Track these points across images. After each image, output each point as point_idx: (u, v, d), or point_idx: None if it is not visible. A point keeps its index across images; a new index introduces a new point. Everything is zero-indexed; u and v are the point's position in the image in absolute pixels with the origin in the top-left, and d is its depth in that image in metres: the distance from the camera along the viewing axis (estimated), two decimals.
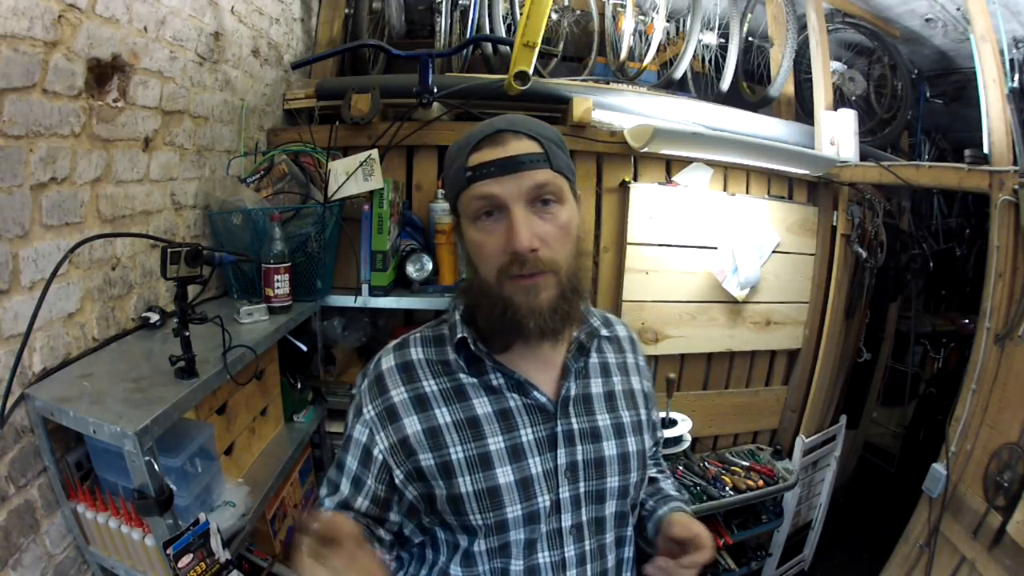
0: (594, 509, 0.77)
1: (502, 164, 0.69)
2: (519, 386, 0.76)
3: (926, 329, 3.42)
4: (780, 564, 2.53)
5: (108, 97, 1.14)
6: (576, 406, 0.79)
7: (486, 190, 0.69)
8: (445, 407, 0.75)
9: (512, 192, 0.69)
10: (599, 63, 2.75)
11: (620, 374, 0.86)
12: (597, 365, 0.84)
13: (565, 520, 0.75)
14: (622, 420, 0.82)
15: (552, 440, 0.75)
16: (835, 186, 2.32)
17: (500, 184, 0.69)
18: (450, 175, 0.75)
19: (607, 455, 0.78)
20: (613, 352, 0.87)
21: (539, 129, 0.73)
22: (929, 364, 3.42)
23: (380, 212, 1.70)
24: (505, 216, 0.69)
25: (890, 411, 3.51)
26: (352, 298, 1.76)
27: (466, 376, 0.77)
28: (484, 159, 0.70)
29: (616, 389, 0.84)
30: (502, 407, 0.75)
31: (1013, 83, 2.14)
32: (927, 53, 2.92)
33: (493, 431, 0.74)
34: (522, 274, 0.69)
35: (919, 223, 3.40)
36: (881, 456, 3.44)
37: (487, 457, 0.73)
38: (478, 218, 0.71)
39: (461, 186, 0.71)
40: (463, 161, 0.71)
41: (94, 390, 1.00)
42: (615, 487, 0.79)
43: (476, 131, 0.73)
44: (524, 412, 0.75)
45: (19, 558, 0.95)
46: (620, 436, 0.81)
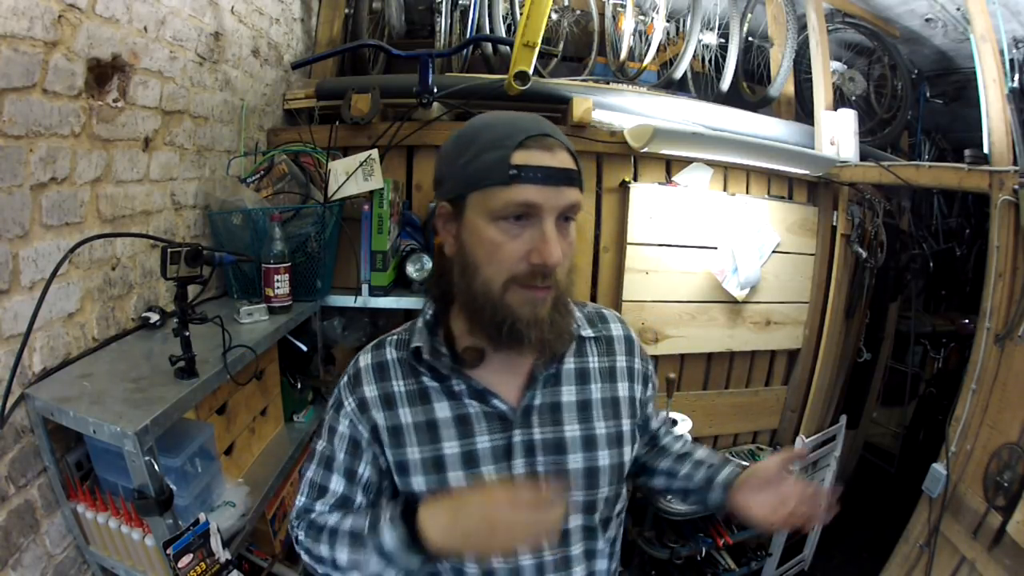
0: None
1: (551, 174, 0.67)
2: (477, 393, 0.75)
3: (926, 329, 3.42)
4: (780, 564, 2.53)
5: (108, 97, 1.14)
6: (541, 415, 0.76)
7: (528, 196, 0.66)
8: (408, 408, 0.75)
9: (551, 205, 0.67)
10: (599, 63, 2.75)
11: (602, 380, 0.81)
12: (572, 371, 0.80)
13: None
14: (595, 432, 0.78)
15: (508, 450, 0.74)
16: (835, 186, 2.32)
17: (543, 193, 0.66)
18: (472, 161, 0.68)
19: (571, 468, 0.76)
20: (597, 355, 0.83)
21: (571, 144, 0.72)
22: (929, 364, 3.42)
23: (380, 212, 1.70)
24: (532, 225, 0.67)
25: (890, 411, 3.51)
26: (352, 298, 1.76)
27: (430, 380, 0.76)
28: (533, 162, 0.66)
29: (593, 398, 0.80)
30: (460, 413, 0.75)
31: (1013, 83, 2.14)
32: (927, 53, 2.92)
33: (449, 436, 0.74)
34: (535, 285, 0.67)
35: (919, 223, 3.40)
36: (881, 456, 3.44)
37: (440, 461, 0.73)
38: (504, 218, 0.67)
39: (496, 180, 0.66)
40: (504, 155, 0.66)
41: (94, 390, 0.99)
42: (579, 502, 0.76)
43: (515, 124, 0.69)
44: (483, 419, 0.75)
45: (19, 558, 0.95)
46: (589, 449, 0.77)
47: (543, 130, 0.69)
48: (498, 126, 0.70)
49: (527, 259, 0.67)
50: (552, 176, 0.67)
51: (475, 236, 0.69)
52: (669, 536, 2.10)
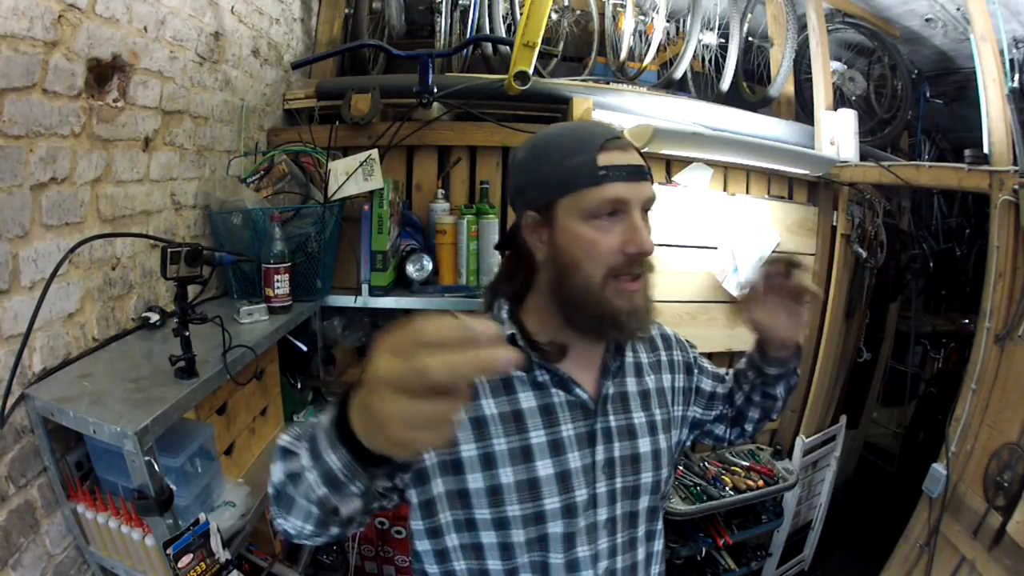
0: (628, 504, 0.80)
1: (633, 170, 0.74)
2: (562, 383, 0.78)
3: (926, 329, 3.42)
4: (780, 564, 2.53)
5: (108, 97, 1.14)
6: (614, 404, 0.81)
7: (618, 193, 0.72)
8: (492, 399, 0.76)
9: (637, 198, 0.73)
10: (599, 63, 2.75)
11: (653, 372, 0.89)
12: (632, 365, 0.87)
13: (600, 514, 0.77)
14: (655, 418, 0.85)
15: (591, 436, 0.78)
16: (835, 186, 2.32)
17: (630, 189, 0.73)
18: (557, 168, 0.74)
19: (642, 451, 0.81)
20: (645, 351, 0.90)
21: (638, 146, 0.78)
22: (929, 364, 3.42)
23: (380, 212, 1.70)
24: (621, 220, 0.73)
25: (890, 411, 3.51)
26: (352, 298, 1.76)
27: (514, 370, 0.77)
28: (616, 161, 0.73)
29: (650, 388, 0.87)
30: (546, 402, 0.77)
31: (1013, 83, 2.14)
32: (927, 53, 2.92)
33: (536, 425, 0.76)
34: (632, 274, 0.74)
35: (919, 223, 3.40)
36: (881, 456, 3.44)
37: (529, 450, 0.75)
38: (597, 217, 0.73)
39: (589, 182, 0.72)
40: (589, 158, 0.72)
41: (94, 390, 0.99)
42: (649, 482, 0.82)
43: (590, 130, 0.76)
44: (566, 408, 0.78)
45: (19, 558, 0.95)
46: (653, 433, 0.84)
47: (615, 133, 0.76)
48: (575, 133, 0.77)
49: (623, 250, 0.72)
50: (634, 172, 0.74)
51: (571, 237, 0.74)
52: (669, 536, 2.10)
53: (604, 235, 0.73)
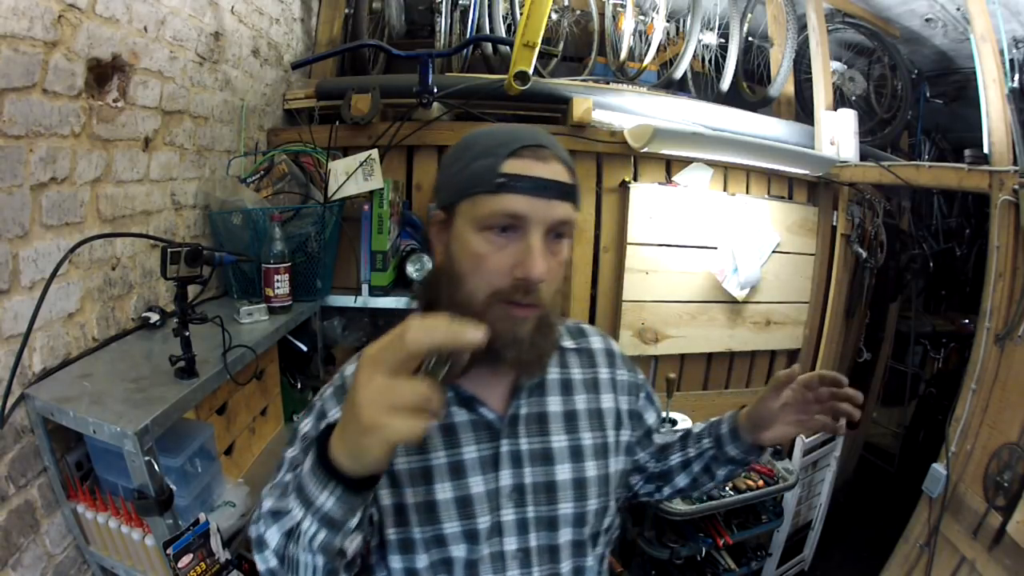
0: (545, 536, 0.73)
1: (541, 185, 0.65)
2: (465, 400, 0.72)
3: (926, 329, 3.42)
4: (780, 564, 2.53)
5: (108, 97, 1.14)
6: (528, 425, 0.74)
7: (515, 206, 0.64)
8: None
9: (539, 217, 0.64)
10: (599, 63, 2.75)
11: (586, 391, 0.80)
12: (557, 381, 0.79)
13: (508, 544, 0.71)
14: (581, 442, 0.76)
15: (495, 460, 0.72)
16: (835, 186, 2.32)
17: (530, 204, 0.64)
18: (465, 169, 0.67)
19: (559, 479, 0.73)
20: (580, 367, 0.82)
21: (570, 159, 0.70)
22: (929, 364, 3.42)
23: (380, 212, 1.70)
24: (519, 237, 0.65)
25: (890, 411, 3.51)
26: (352, 298, 1.76)
27: None
28: (523, 171, 0.65)
29: (578, 408, 0.78)
30: (447, 422, 0.72)
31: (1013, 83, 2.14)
32: (927, 53, 2.92)
33: (435, 446, 0.71)
34: (518, 302, 0.64)
35: (919, 223, 3.40)
36: (881, 456, 3.44)
37: (428, 471, 0.70)
38: (489, 228, 0.65)
39: (484, 188, 0.65)
40: (495, 163, 0.65)
41: (94, 390, 0.99)
42: (569, 514, 0.74)
43: (512, 134, 0.68)
44: (469, 428, 0.72)
45: (19, 558, 0.95)
46: (578, 459, 0.75)
47: (539, 140, 0.67)
48: (496, 134, 0.68)
49: (510, 273, 0.64)
50: (542, 187, 0.65)
51: (462, 246, 0.67)
52: (669, 536, 2.10)
53: (494, 251, 0.65)
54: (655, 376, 2.24)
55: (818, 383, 0.75)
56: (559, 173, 0.67)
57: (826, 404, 0.75)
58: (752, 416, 0.80)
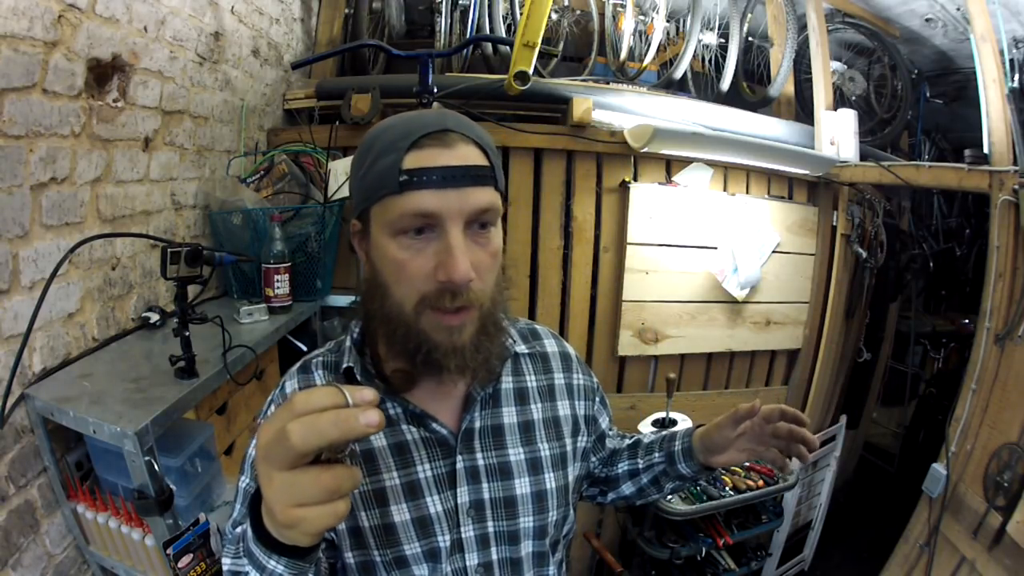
0: (507, 550, 0.71)
1: (447, 173, 0.58)
2: (415, 417, 0.68)
3: (926, 329, 3.42)
4: (780, 564, 2.53)
5: (108, 97, 1.14)
6: (483, 439, 0.71)
7: (423, 204, 0.57)
8: None
9: (453, 210, 0.58)
10: (599, 63, 2.75)
11: (542, 400, 0.76)
12: (512, 391, 0.75)
13: (470, 559, 0.69)
14: (539, 454, 0.73)
15: (452, 477, 0.68)
16: (835, 186, 2.32)
17: (441, 198, 0.57)
18: (369, 171, 0.61)
19: (518, 493, 0.71)
20: (535, 373, 0.78)
21: (485, 136, 0.63)
22: (929, 364, 3.42)
23: None
24: (436, 235, 0.59)
25: (890, 411, 3.51)
26: (352, 298, 1.75)
27: None
28: (426, 163, 0.58)
29: (534, 419, 0.75)
30: (398, 440, 0.68)
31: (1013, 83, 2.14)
32: (927, 53, 2.92)
33: (388, 466, 0.67)
34: (446, 308, 0.59)
35: (919, 223, 3.40)
36: (881, 456, 3.44)
37: (382, 493, 0.66)
38: (403, 233, 0.59)
39: (388, 190, 0.58)
40: (396, 159, 0.58)
41: (94, 390, 0.99)
42: (530, 527, 0.71)
43: (414, 123, 0.60)
44: (422, 446, 0.68)
45: (19, 558, 0.95)
46: (536, 472, 0.72)
47: (443, 124, 0.60)
48: (395, 127, 0.61)
49: (434, 277, 0.59)
50: (451, 176, 0.58)
51: (381, 255, 0.62)
52: (669, 536, 2.10)
53: (413, 255, 0.59)
54: (655, 376, 2.24)
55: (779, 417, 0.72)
56: (469, 156, 0.60)
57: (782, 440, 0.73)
58: (706, 440, 0.79)
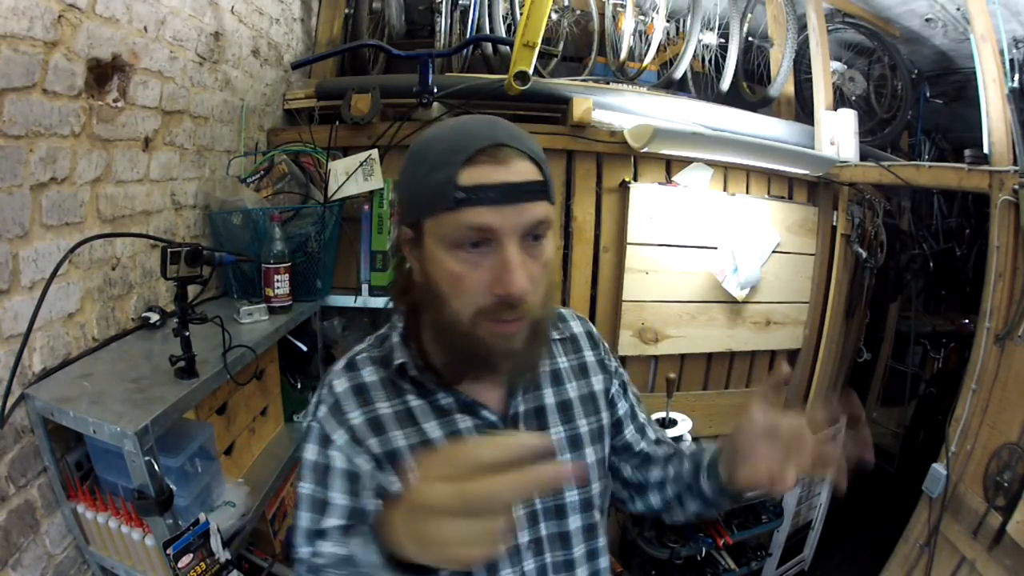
0: (555, 524, 0.74)
1: (504, 191, 0.59)
2: (467, 406, 0.72)
3: (926, 329, 3.42)
4: (780, 564, 2.53)
5: (108, 97, 1.14)
6: (527, 421, 0.75)
7: (482, 220, 0.58)
8: (400, 430, 0.70)
9: (511, 226, 0.59)
10: (599, 63, 2.75)
11: (576, 379, 0.81)
12: (548, 373, 0.79)
13: (521, 536, 0.72)
14: (579, 431, 0.78)
15: None
16: (835, 186, 2.32)
17: (499, 215, 0.58)
18: (422, 183, 0.62)
19: None
20: (567, 354, 0.82)
21: (537, 149, 0.64)
22: (929, 364, 3.41)
23: (380, 212, 1.70)
24: (492, 249, 0.60)
25: (890, 411, 3.51)
26: (352, 298, 1.76)
27: (414, 398, 0.72)
28: (483, 180, 0.59)
29: (571, 397, 0.79)
30: (452, 430, 0.71)
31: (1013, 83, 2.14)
32: (927, 53, 2.92)
33: None
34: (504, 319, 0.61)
35: (919, 223, 3.40)
36: (881, 456, 3.43)
37: None
38: (460, 247, 0.60)
39: (444, 206, 0.59)
40: (451, 174, 0.59)
41: (94, 390, 1.00)
42: (575, 501, 0.75)
43: (468, 136, 0.61)
44: (474, 434, 0.71)
45: (19, 558, 0.95)
46: (576, 448, 0.77)
47: (496, 139, 0.61)
48: (446, 139, 0.62)
49: (491, 291, 0.60)
50: (509, 193, 0.59)
51: (436, 267, 0.63)
52: (669, 536, 2.10)
53: (470, 270, 0.60)
54: (655, 376, 2.24)
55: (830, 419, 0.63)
56: (524, 172, 0.61)
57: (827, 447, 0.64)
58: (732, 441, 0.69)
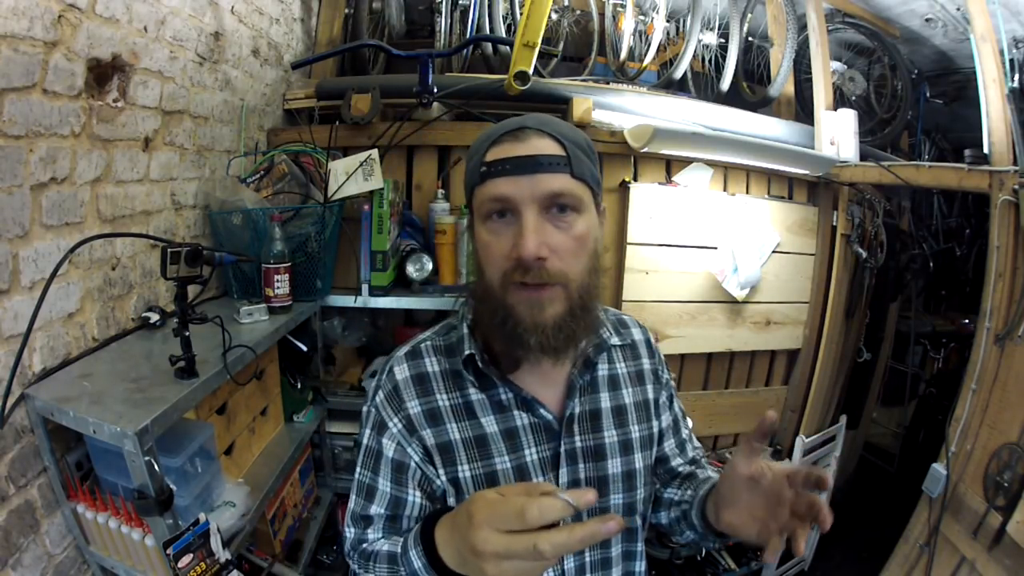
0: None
1: (518, 163, 0.66)
2: (526, 403, 0.75)
3: (926, 329, 3.42)
4: (780, 564, 2.53)
5: (108, 97, 1.14)
6: (581, 423, 0.77)
7: (498, 190, 0.66)
8: (456, 423, 0.74)
9: (525, 194, 0.65)
10: (599, 63, 2.75)
11: (632, 385, 0.83)
12: (606, 378, 0.81)
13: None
14: (630, 436, 0.80)
15: (555, 459, 0.75)
16: (835, 186, 2.31)
17: (514, 184, 0.65)
18: (468, 169, 0.73)
19: (610, 473, 0.77)
20: (626, 360, 0.84)
21: (566, 131, 0.69)
22: (929, 364, 3.42)
23: (380, 212, 1.70)
24: (516, 219, 0.66)
25: (890, 411, 3.51)
26: (352, 298, 1.76)
27: (475, 391, 0.75)
28: (501, 155, 0.67)
29: (626, 403, 0.81)
30: (508, 426, 0.74)
31: (1013, 83, 2.14)
32: (927, 53, 2.92)
33: (500, 451, 0.73)
34: (525, 282, 0.65)
35: (919, 223, 3.40)
36: (881, 456, 3.44)
37: (493, 477, 0.73)
38: (489, 218, 0.68)
39: (475, 182, 0.69)
40: (481, 156, 0.69)
41: (94, 390, 0.99)
42: (619, 504, 0.78)
43: (501, 125, 0.71)
44: (530, 431, 0.75)
45: (19, 558, 0.95)
46: (627, 453, 0.79)
47: (523, 124, 0.69)
48: (489, 128, 0.72)
49: (511, 255, 0.65)
50: (519, 165, 0.66)
51: (477, 241, 0.71)
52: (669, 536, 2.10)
53: (496, 238, 0.67)
54: None
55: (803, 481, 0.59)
56: (542, 147, 0.67)
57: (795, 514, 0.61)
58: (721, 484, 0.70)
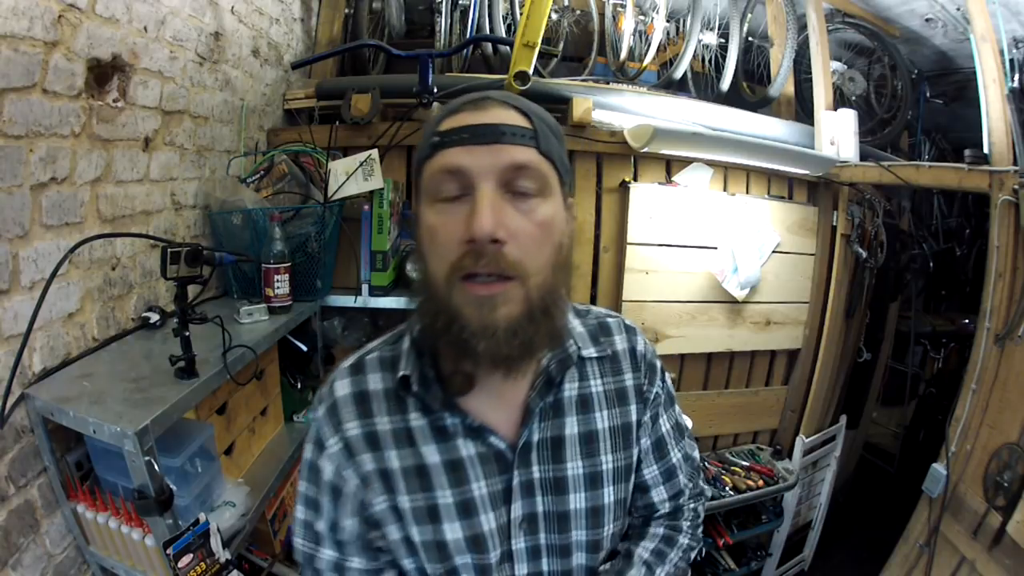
0: (558, 562, 0.68)
1: (476, 131, 0.56)
2: (473, 431, 0.65)
3: (926, 329, 3.42)
4: (780, 564, 2.53)
5: (108, 97, 1.14)
6: (541, 451, 0.66)
7: (453, 160, 0.56)
8: (395, 450, 0.65)
9: (484, 166, 0.55)
10: (599, 63, 2.75)
11: (609, 407, 0.70)
12: (575, 399, 0.69)
13: (519, 569, 0.67)
14: (599, 468, 0.68)
15: (507, 493, 0.65)
16: (835, 186, 2.32)
17: (471, 154, 0.55)
18: (419, 146, 0.63)
19: (572, 508, 0.67)
20: (604, 377, 0.71)
21: (535, 109, 0.61)
22: (929, 364, 3.42)
23: (380, 212, 1.70)
24: (471, 199, 0.55)
25: (890, 411, 3.51)
26: (352, 298, 1.76)
27: (417, 416, 0.65)
28: (458, 124, 0.57)
29: (598, 428, 0.69)
30: (452, 457, 0.64)
31: (1013, 83, 2.14)
32: (927, 53, 2.92)
33: (441, 484, 0.64)
34: (477, 272, 0.54)
35: (919, 223, 3.40)
36: (881, 456, 3.44)
37: (435, 511, 0.64)
38: (438, 198, 0.57)
39: (424, 155, 0.59)
40: (434, 126, 0.59)
41: (94, 390, 0.99)
42: (582, 541, 0.68)
43: (461, 98, 0.61)
44: (478, 462, 0.65)
45: (19, 558, 0.95)
46: (594, 487, 0.68)
47: (485, 95, 0.59)
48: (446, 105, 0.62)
49: (462, 239, 0.55)
50: (481, 133, 0.56)
51: (420, 226, 0.60)
52: None
53: (446, 221, 0.56)
54: None
55: None
56: (504, 117, 0.57)
57: None
58: None
